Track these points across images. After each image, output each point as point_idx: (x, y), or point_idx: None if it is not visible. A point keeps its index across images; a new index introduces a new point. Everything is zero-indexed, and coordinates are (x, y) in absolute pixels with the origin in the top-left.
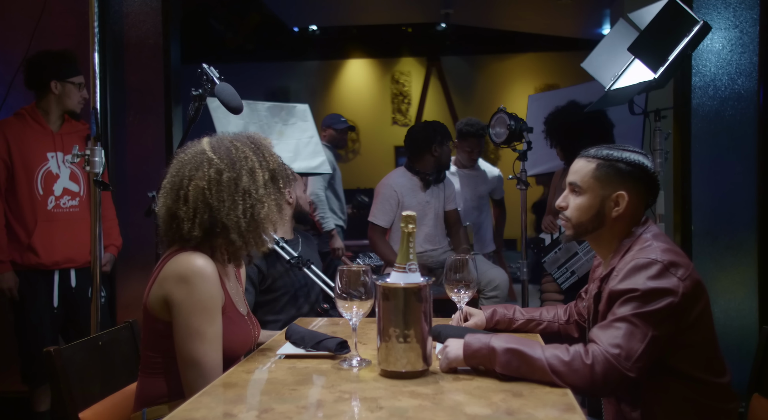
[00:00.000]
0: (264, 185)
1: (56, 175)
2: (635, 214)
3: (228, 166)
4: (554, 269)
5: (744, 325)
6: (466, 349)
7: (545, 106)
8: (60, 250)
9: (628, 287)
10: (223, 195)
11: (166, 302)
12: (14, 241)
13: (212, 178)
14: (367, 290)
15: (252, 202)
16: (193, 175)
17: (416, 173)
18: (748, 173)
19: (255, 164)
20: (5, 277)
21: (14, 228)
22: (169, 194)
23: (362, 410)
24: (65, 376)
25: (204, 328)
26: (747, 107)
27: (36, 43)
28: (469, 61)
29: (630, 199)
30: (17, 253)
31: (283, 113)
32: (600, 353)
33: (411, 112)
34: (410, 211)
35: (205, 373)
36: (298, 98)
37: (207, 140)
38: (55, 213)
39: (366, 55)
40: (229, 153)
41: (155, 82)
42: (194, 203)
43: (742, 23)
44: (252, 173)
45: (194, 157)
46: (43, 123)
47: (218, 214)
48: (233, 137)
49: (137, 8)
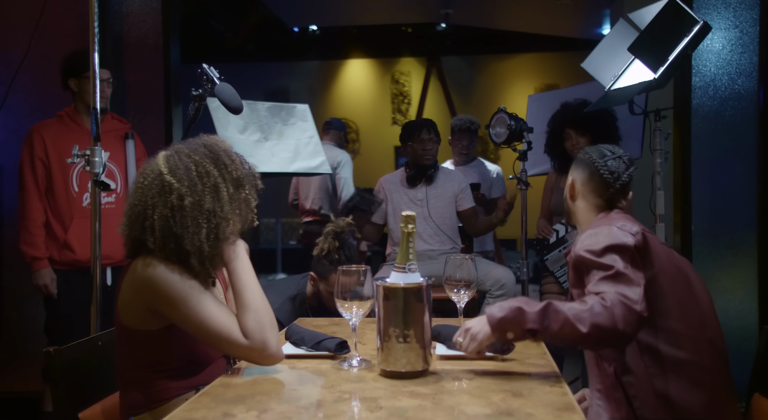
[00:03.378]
0: (229, 200)
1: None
2: (596, 204)
3: (190, 190)
4: (557, 268)
5: (744, 325)
6: (491, 320)
7: (545, 106)
8: None
9: (588, 249)
10: (186, 221)
11: (147, 310)
12: (52, 238)
13: (175, 204)
14: (367, 290)
15: (217, 222)
16: (156, 203)
17: (406, 169)
18: (748, 173)
19: (218, 180)
20: (42, 273)
21: (52, 225)
22: (133, 224)
23: (362, 410)
24: (65, 376)
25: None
26: (747, 107)
27: (36, 43)
28: (469, 61)
29: (581, 188)
30: (55, 250)
31: (283, 113)
32: (615, 297)
33: (411, 112)
34: (410, 211)
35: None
36: (298, 98)
37: (164, 158)
38: (91, 209)
39: (366, 55)
40: (189, 172)
41: (155, 82)
42: (161, 233)
43: (742, 23)
44: (215, 191)
45: (153, 181)
46: (80, 122)
47: (182, 241)
48: (190, 150)
49: (137, 8)
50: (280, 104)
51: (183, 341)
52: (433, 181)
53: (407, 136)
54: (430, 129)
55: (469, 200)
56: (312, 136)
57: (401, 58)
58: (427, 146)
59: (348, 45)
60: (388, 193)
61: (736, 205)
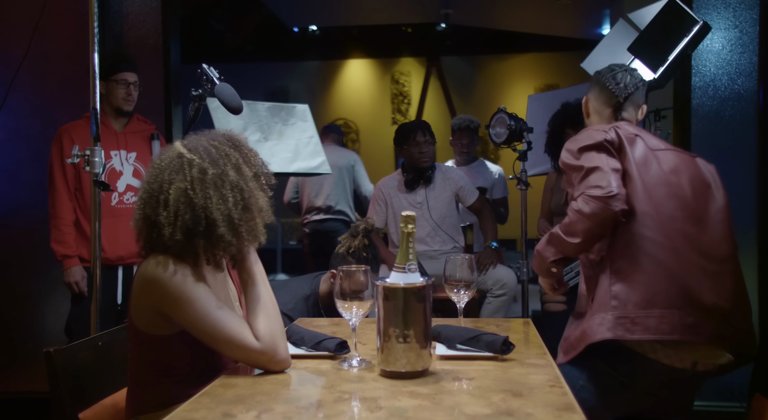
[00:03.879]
0: (253, 179)
1: (119, 172)
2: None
3: (211, 164)
4: None
5: None
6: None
7: (545, 106)
8: (123, 246)
9: (568, 150)
10: (209, 191)
11: (156, 313)
12: (82, 236)
13: (195, 177)
14: (367, 290)
15: (243, 195)
16: (173, 179)
17: (404, 173)
18: (748, 173)
19: (239, 160)
20: (73, 271)
21: (82, 224)
22: (147, 203)
23: (362, 410)
24: (65, 376)
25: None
26: (747, 107)
27: (36, 43)
28: (469, 61)
29: (593, 103)
30: (85, 248)
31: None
32: (581, 198)
33: (411, 113)
34: (410, 211)
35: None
36: (298, 98)
37: (180, 143)
38: (119, 209)
39: (366, 55)
40: (209, 151)
41: (155, 82)
42: (175, 205)
43: (742, 23)
44: (238, 168)
45: (171, 161)
46: (108, 123)
47: (203, 211)
48: (209, 137)
49: (137, 8)
50: (280, 104)
51: (195, 348)
52: (431, 183)
53: (402, 139)
54: (425, 131)
55: (473, 193)
56: (312, 136)
57: (401, 58)
58: (423, 149)
59: (348, 45)
60: (388, 198)
61: (736, 205)
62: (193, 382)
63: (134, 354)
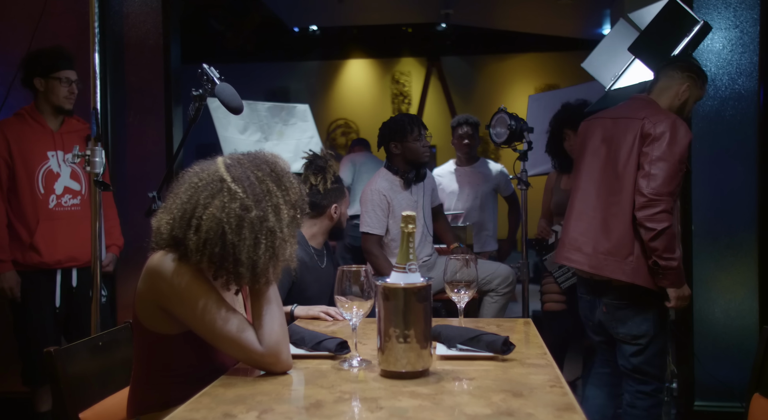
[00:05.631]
0: (288, 224)
1: (57, 174)
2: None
3: (255, 203)
4: (555, 268)
5: (744, 325)
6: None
7: (545, 106)
8: (62, 249)
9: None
10: (244, 232)
11: (159, 308)
12: (16, 240)
13: (234, 213)
14: (367, 290)
15: (275, 243)
16: (209, 204)
17: (395, 172)
18: (748, 173)
19: (280, 201)
20: (6, 276)
21: (16, 227)
22: (178, 222)
23: (362, 410)
24: (65, 376)
25: (206, 304)
26: (747, 107)
27: (36, 43)
28: (469, 61)
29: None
30: (19, 252)
31: (283, 113)
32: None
33: (411, 112)
34: (410, 211)
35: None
36: (299, 98)
37: (224, 164)
38: (57, 212)
39: (366, 56)
40: (253, 187)
41: (155, 82)
42: (207, 234)
43: (743, 23)
44: (277, 211)
45: (211, 183)
46: (43, 122)
47: (233, 248)
48: (252, 164)
49: (137, 8)
50: (281, 104)
51: (199, 350)
52: (422, 180)
53: (401, 133)
54: (420, 123)
55: (436, 197)
56: (312, 136)
57: (401, 58)
58: (426, 143)
59: (348, 45)
60: (390, 202)
61: (736, 205)
62: (196, 383)
63: (139, 353)
